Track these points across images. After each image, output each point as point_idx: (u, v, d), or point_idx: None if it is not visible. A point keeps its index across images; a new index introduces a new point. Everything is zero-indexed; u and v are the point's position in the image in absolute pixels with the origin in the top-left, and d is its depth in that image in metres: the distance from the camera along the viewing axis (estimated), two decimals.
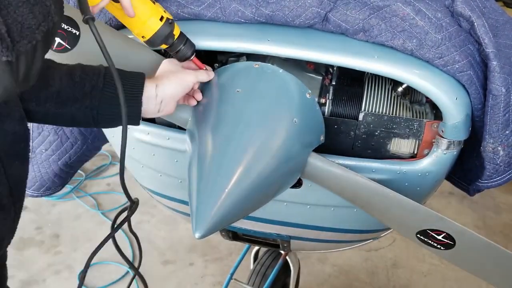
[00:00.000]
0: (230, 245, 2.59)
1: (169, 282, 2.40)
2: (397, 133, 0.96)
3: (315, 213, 1.12)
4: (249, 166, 0.79)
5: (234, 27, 0.91)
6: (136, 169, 1.22)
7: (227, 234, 1.39)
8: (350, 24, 0.89)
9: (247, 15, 0.91)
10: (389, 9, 0.87)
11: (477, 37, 0.88)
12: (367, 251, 2.59)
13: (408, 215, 0.90)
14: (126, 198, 0.81)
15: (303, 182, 1.04)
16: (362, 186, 0.89)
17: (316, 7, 0.88)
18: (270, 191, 0.86)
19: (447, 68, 0.87)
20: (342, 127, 0.98)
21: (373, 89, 0.98)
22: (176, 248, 2.61)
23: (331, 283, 2.40)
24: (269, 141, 0.82)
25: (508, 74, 0.87)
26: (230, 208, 0.78)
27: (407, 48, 0.87)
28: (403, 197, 0.86)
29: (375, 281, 2.42)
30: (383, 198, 0.88)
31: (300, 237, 1.26)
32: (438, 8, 0.88)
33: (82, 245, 2.58)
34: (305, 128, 0.87)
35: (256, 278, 1.70)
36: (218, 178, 0.79)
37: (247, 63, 0.90)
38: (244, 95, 0.85)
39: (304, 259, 2.48)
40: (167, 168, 1.13)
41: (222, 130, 0.82)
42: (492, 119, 0.88)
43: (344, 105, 0.98)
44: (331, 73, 1.03)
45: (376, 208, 0.94)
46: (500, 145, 0.90)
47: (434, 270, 2.51)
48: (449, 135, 0.91)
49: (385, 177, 0.99)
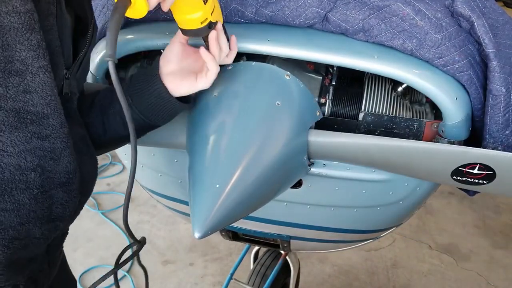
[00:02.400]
0: (230, 245, 2.59)
1: (169, 282, 2.40)
2: (397, 133, 0.96)
3: (315, 213, 1.12)
4: (246, 164, 0.79)
5: (234, 27, 0.91)
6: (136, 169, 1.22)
7: (227, 234, 1.39)
8: (350, 24, 0.89)
9: (247, 15, 0.91)
10: (389, 9, 0.87)
11: (477, 37, 0.88)
12: (367, 251, 2.59)
13: (432, 160, 0.86)
14: (126, 198, 0.82)
15: (303, 182, 1.04)
16: (374, 147, 0.87)
17: (316, 7, 0.88)
18: (273, 183, 0.85)
19: (447, 68, 0.87)
20: (342, 127, 0.98)
21: (373, 89, 0.98)
22: (176, 248, 2.61)
23: (331, 283, 2.40)
24: (259, 131, 0.82)
25: (508, 74, 0.87)
26: (230, 208, 0.78)
27: (407, 48, 0.87)
28: (419, 143, 0.84)
29: (375, 281, 2.42)
30: (399, 151, 0.86)
31: (300, 237, 1.26)
32: (438, 8, 0.88)
33: (82, 245, 2.58)
34: (292, 107, 0.86)
35: (256, 278, 1.70)
36: (218, 178, 0.79)
37: (224, 66, 0.90)
38: (220, 98, 0.86)
39: (304, 259, 2.48)
40: (167, 168, 1.13)
41: (211, 135, 0.82)
42: (492, 119, 0.88)
43: (344, 105, 0.98)
44: (331, 73, 1.03)
45: (397, 165, 0.91)
46: (500, 145, 0.90)
47: (434, 270, 2.51)
48: (449, 135, 0.91)
49: (385, 177, 0.99)
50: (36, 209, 0.70)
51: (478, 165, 0.83)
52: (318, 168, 0.99)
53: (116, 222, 2.76)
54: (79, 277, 2.37)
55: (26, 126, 0.66)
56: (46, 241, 0.76)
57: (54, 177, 0.71)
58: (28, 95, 0.65)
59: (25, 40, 0.63)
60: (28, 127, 0.67)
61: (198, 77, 0.82)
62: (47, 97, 0.67)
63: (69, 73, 0.74)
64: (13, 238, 0.69)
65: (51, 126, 0.68)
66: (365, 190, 1.03)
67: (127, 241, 2.56)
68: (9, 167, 0.66)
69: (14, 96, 0.64)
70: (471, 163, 0.83)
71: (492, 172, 0.83)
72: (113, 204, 2.90)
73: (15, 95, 0.64)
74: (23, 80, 0.64)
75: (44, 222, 0.72)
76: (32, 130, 0.67)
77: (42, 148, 0.68)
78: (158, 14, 0.95)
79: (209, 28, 0.79)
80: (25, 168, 0.67)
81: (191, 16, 0.76)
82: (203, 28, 0.78)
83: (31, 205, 0.69)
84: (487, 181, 0.85)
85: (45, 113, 0.67)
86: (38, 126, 0.67)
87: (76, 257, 2.48)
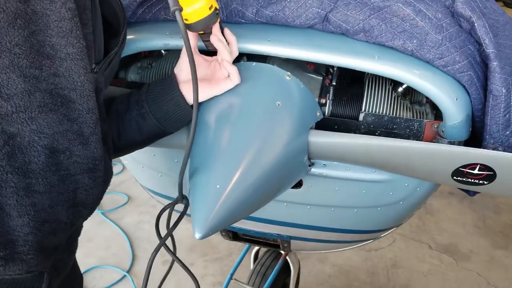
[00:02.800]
0: (230, 245, 2.59)
1: (169, 282, 2.40)
2: (397, 133, 0.96)
3: (315, 213, 1.12)
4: (247, 164, 0.79)
5: (234, 27, 0.91)
6: (136, 169, 1.22)
7: (227, 234, 1.39)
8: (350, 24, 0.89)
9: (248, 15, 0.91)
10: (389, 9, 0.87)
11: (478, 37, 0.88)
12: (367, 251, 2.59)
13: (432, 160, 0.87)
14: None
15: (304, 183, 1.04)
16: (374, 147, 0.87)
17: (316, 7, 0.88)
18: (273, 184, 0.85)
19: (447, 68, 0.87)
20: (342, 128, 0.98)
21: (373, 90, 0.98)
22: (176, 248, 2.61)
23: (331, 283, 2.40)
24: (259, 132, 0.82)
25: (508, 74, 0.87)
26: (230, 208, 0.78)
27: (407, 49, 0.87)
28: (420, 143, 0.84)
29: (375, 281, 2.42)
30: (400, 152, 0.86)
31: (300, 237, 1.26)
32: (438, 9, 0.88)
33: (82, 245, 2.56)
34: (293, 108, 0.87)
35: (256, 278, 1.71)
36: (218, 178, 0.79)
37: None
38: (220, 98, 0.86)
39: (304, 259, 2.49)
40: (167, 168, 1.13)
41: (211, 135, 0.83)
42: (492, 120, 0.88)
43: (345, 105, 0.98)
44: (332, 74, 1.03)
45: (397, 165, 0.91)
46: (500, 145, 0.90)
47: (434, 270, 2.51)
48: (450, 136, 0.91)
49: (385, 177, 0.99)
50: (64, 191, 0.73)
51: (479, 166, 0.83)
52: (319, 168, 0.99)
53: (116, 222, 2.75)
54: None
55: (58, 108, 0.69)
56: (71, 227, 0.78)
57: (81, 162, 0.73)
58: (57, 78, 0.68)
59: (55, 27, 0.66)
60: (60, 109, 0.69)
61: (217, 82, 0.85)
62: (73, 83, 0.70)
63: (97, 68, 0.76)
64: (44, 221, 0.71)
65: (77, 110, 0.71)
66: (365, 190, 1.03)
67: (127, 241, 2.56)
68: (45, 150, 0.69)
69: (47, 78, 0.67)
70: (471, 163, 0.83)
71: (492, 172, 0.83)
72: (113, 204, 2.89)
73: (48, 77, 0.67)
74: (53, 63, 0.67)
75: (70, 206, 0.75)
76: (63, 112, 0.70)
77: (72, 131, 0.71)
78: (158, 14, 0.95)
79: (217, 15, 0.80)
80: (57, 150, 0.70)
81: (199, 4, 0.76)
82: (212, 15, 0.79)
83: (60, 187, 0.72)
84: (488, 182, 0.85)
85: (71, 98, 0.70)
86: (67, 109, 0.70)
87: (76, 257, 2.48)
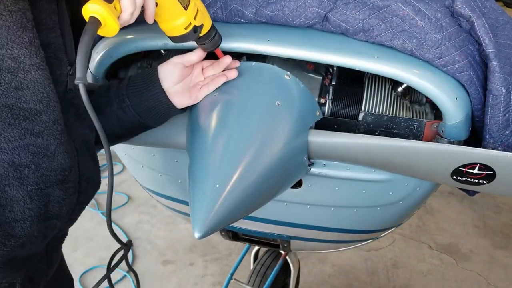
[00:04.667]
0: (230, 245, 2.59)
1: (169, 282, 2.40)
2: (397, 133, 0.96)
3: (315, 213, 1.12)
4: (246, 164, 0.79)
5: (234, 27, 0.91)
6: (136, 169, 1.22)
7: (227, 234, 1.39)
8: (350, 24, 0.89)
9: (247, 15, 0.91)
10: (389, 9, 0.87)
11: (477, 37, 0.88)
12: (367, 251, 2.59)
13: (432, 160, 0.87)
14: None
15: (303, 182, 1.04)
16: (374, 147, 0.87)
17: (316, 7, 0.88)
18: (273, 183, 0.85)
19: (447, 68, 0.87)
20: (342, 127, 0.98)
21: (373, 89, 0.98)
22: (176, 248, 2.62)
23: (331, 283, 2.40)
24: (259, 132, 0.82)
25: (508, 74, 0.87)
26: (230, 208, 0.78)
27: (407, 48, 0.87)
28: (419, 143, 0.85)
29: (375, 281, 2.42)
30: (399, 151, 0.86)
31: (300, 237, 1.26)
32: (438, 8, 0.88)
33: (82, 245, 2.58)
34: (292, 107, 0.87)
35: (256, 278, 1.70)
36: (217, 177, 0.79)
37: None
38: (220, 98, 0.87)
39: (304, 259, 2.49)
40: (167, 168, 1.13)
41: (211, 135, 0.83)
42: (492, 119, 0.88)
43: (344, 105, 0.98)
44: (331, 73, 1.03)
45: (397, 165, 0.91)
46: (500, 145, 0.90)
47: (434, 270, 2.51)
48: (449, 135, 0.91)
49: (385, 177, 0.99)
50: (32, 206, 0.70)
51: (478, 165, 0.83)
52: (318, 168, 0.99)
53: (116, 222, 2.75)
54: (79, 277, 2.37)
55: (19, 122, 0.67)
56: (44, 240, 0.76)
57: (49, 174, 0.71)
58: (21, 91, 0.66)
59: (16, 38, 0.64)
60: (22, 123, 0.67)
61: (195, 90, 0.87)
62: (39, 94, 0.68)
63: (72, 69, 0.75)
64: (9, 235, 0.69)
65: (44, 122, 0.69)
66: (365, 190, 1.03)
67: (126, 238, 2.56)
68: (3, 163, 0.67)
69: (6, 93, 0.65)
70: (471, 163, 0.83)
71: (492, 172, 0.83)
72: (113, 204, 2.88)
73: (7, 91, 0.65)
74: (15, 77, 0.65)
75: (41, 220, 0.72)
76: (26, 127, 0.68)
77: (36, 145, 0.69)
78: None
79: (195, 33, 0.80)
80: (19, 165, 0.68)
81: (174, 23, 0.77)
82: (188, 34, 0.79)
83: (26, 202, 0.69)
84: (487, 181, 0.85)
85: (37, 110, 0.68)
86: (31, 123, 0.68)
87: (76, 257, 2.48)
